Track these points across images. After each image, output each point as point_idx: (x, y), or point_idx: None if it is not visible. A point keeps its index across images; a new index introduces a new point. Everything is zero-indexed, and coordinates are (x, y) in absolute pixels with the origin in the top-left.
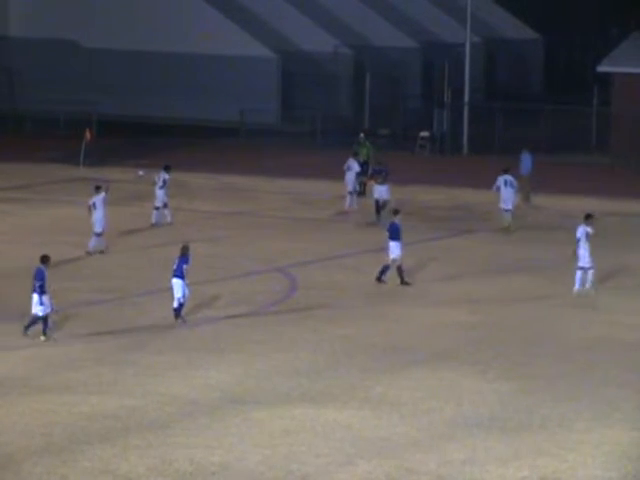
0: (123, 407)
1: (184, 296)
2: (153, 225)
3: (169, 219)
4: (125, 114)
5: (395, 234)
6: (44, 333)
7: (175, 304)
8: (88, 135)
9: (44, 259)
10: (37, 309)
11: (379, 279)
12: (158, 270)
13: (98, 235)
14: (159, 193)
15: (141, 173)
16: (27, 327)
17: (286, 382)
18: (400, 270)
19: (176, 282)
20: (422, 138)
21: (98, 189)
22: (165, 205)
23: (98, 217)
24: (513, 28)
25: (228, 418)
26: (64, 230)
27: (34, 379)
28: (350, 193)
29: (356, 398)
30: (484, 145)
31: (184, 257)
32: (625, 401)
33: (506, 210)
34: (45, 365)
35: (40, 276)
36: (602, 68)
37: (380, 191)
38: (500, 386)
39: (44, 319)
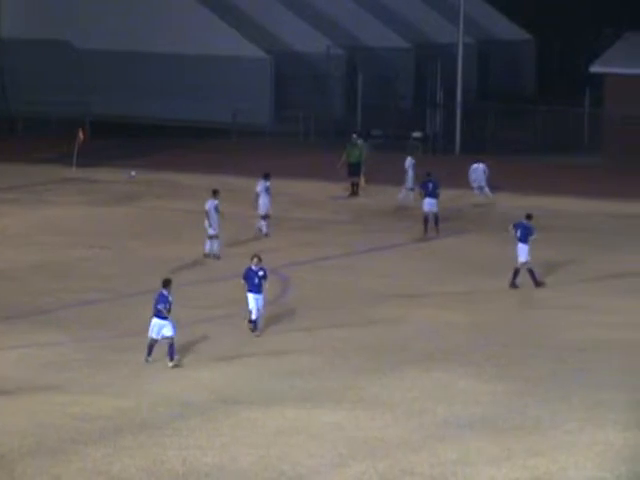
0: (116, 408)
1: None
2: (261, 234)
3: (264, 230)
4: (117, 115)
5: (525, 236)
6: (171, 358)
7: (253, 316)
8: (81, 136)
9: (166, 283)
10: (166, 330)
11: (513, 284)
12: (151, 271)
13: (211, 238)
14: (262, 202)
15: (133, 174)
16: (172, 354)
17: (279, 383)
18: (532, 272)
19: (254, 296)
20: (415, 138)
21: (215, 193)
22: (266, 216)
23: (213, 220)
24: (506, 29)
25: (221, 419)
26: (56, 230)
27: (27, 380)
28: (410, 189)
29: (349, 399)
30: (476, 145)
31: (258, 271)
32: (618, 402)
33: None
34: (38, 366)
35: (163, 300)
36: (594, 69)
37: (430, 204)
38: (493, 387)
39: (171, 343)
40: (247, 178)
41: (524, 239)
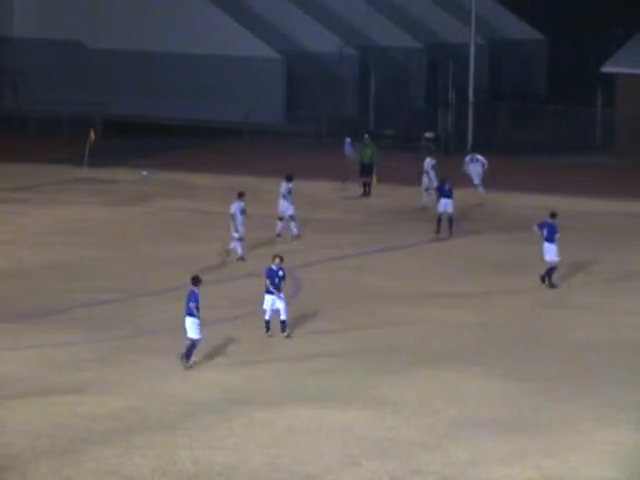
0: (127, 408)
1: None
2: (277, 236)
3: (295, 231)
4: (129, 114)
5: (551, 235)
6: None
7: (267, 317)
8: (92, 135)
9: (195, 280)
10: (192, 333)
11: (551, 285)
12: (163, 271)
13: (237, 241)
14: (282, 203)
15: (145, 173)
16: (187, 356)
17: (290, 383)
18: (552, 271)
19: (271, 297)
20: (427, 139)
21: (240, 196)
22: (292, 217)
23: (238, 223)
24: (517, 29)
25: (232, 419)
26: (67, 230)
27: (37, 380)
28: (427, 190)
29: (360, 399)
30: (488, 145)
31: (278, 270)
32: (630, 402)
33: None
34: (48, 366)
35: (194, 298)
36: (606, 69)
37: (445, 204)
38: (504, 387)
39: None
40: (259, 178)
41: (550, 238)
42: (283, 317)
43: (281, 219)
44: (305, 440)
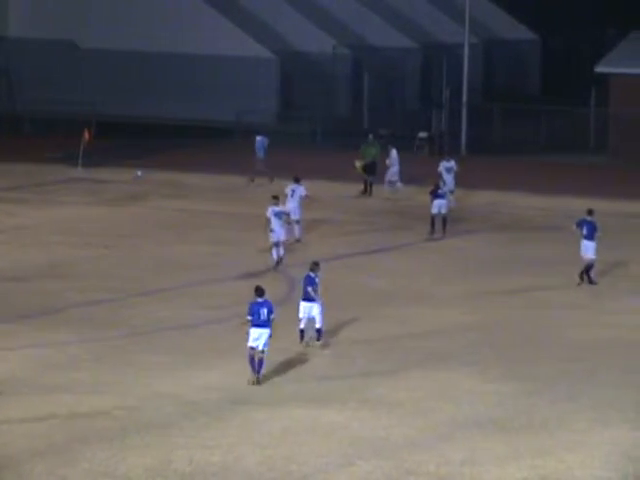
0: (122, 407)
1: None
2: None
3: (297, 234)
4: (123, 115)
5: (591, 233)
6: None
7: (302, 325)
8: (86, 135)
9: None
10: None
11: (591, 281)
12: (157, 270)
13: (277, 245)
14: (291, 206)
15: (139, 173)
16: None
17: (285, 383)
18: (590, 269)
19: (307, 304)
20: (420, 139)
21: (275, 199)
22: (297, 221)
23: (276, 226)
24: (511, 29)
25: (227, 418)
26: (62, 230)
27: (33, 379)
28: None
29: (355, 399)
30: (482, 145)
31: (315, 278)
32: (625, 402)
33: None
34: (44, 366)
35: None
36: (600, 69)
37: (439, 205)
38: (500, 386)
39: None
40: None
41: (590, 236)
42: (318, 325)
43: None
44: (300, 440)
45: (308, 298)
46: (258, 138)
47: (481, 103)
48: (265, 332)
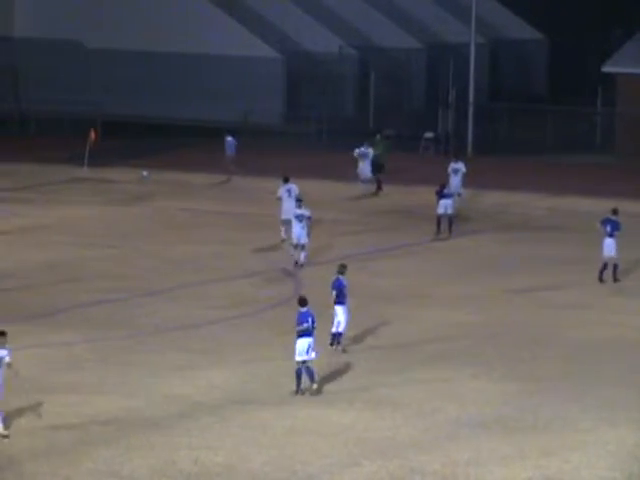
0: (126, 408)
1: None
2: (283, 240)
3: (283, 235)
4: (129, 115)
5: (615, 232)
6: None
7: (334, 329)
8: (92, 135)
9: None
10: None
11: (615, 279)
12: (161, 270)
13: (302, 247)
14: (287, 206)
15: (145, 174)
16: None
17: (290, 383)
18: (615, 267)
19: (344, 308)
20: (427, 139)
21: (300, 203)
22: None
23: (296, 230)
24: (517, 29)
25: (232, 419)
26: (67, 230)
27: (37, 380)
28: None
29: (360, 399)
30: (488, 146)
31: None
32: (630, 401)
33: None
34: (48, 366)
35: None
36: (606, 69)
37: (445, 205)
38: (504, 386)
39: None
40: (258, 178)
41: (614, 234)
42: (341, 329)
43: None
44: (305, 440)
45: (341, 302)
46: (229, 139)
47: (487, 103)
48: (310, 341)
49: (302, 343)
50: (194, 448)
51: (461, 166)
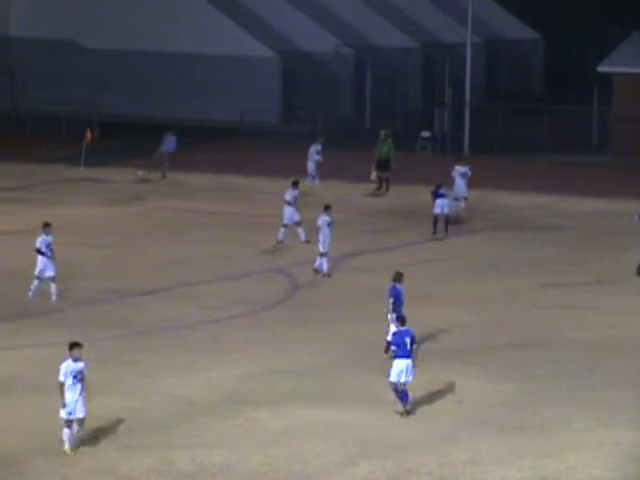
0: (124, 407)
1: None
2: (279, 242)
3: (302, 237)
4: (126, 114)
5: None
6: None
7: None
8: (89, 135)
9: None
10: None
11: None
12: (158, 270)
13: (322, 255)
14: (288, 210)
15: (141, 173)
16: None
17: (287, 383)
18: None
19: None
20: (423, 138)
21: (327, 209)
22: (298, 223)
23: (324, 236)
24: (513, 28)
25: (229, 418)
26: (64, 230)
27: (35, 379)
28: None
29: (357, 398)
30: (485, 145)
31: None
32: (626, 401)
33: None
34: (46, 365)
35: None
36: (602, 68)
37: (442, 205)
38: (501, 387)
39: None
40: (255, 178)
41: None
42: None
43: (285, 226)
44: (302, 440)
45: (398, 310)
46: (171, 136)
47: (484, 102)
48: (409, 363)
49: (399, 364)
50: (191, 447)
51: (467, 170)
